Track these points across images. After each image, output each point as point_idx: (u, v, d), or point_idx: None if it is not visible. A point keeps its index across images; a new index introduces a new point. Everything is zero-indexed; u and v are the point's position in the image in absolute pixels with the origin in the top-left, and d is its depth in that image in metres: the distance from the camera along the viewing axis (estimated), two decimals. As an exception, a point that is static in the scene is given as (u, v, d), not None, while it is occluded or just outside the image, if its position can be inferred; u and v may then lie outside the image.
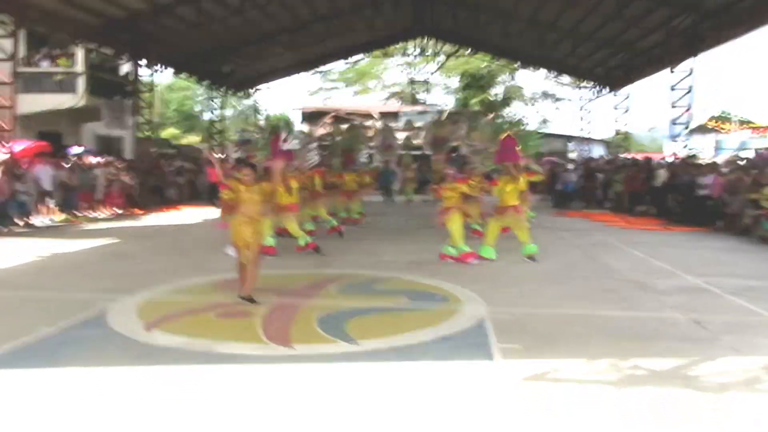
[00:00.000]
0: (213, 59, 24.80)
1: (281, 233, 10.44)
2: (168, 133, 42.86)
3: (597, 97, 29.06)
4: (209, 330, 5.53)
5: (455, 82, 43.48)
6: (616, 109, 26.57)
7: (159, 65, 23.10)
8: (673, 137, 20.33)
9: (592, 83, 28.94)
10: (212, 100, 29.64)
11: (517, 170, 9.40)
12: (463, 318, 5.98)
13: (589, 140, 30.63)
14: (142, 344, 5.13)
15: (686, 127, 19.97)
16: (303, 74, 31.04)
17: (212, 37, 22.16)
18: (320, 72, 33.54)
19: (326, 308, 6.25)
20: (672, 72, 19.74)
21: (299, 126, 30.76)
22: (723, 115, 31.07)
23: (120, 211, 17.32)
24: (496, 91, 42.67)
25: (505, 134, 9.82)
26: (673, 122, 20.06)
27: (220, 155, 26.77)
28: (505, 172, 9.41)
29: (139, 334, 5.38)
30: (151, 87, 23.35)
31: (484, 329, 5.60)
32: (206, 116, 36.09)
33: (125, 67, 23.75)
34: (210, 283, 7.59)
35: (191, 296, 6.88)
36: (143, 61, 22.09)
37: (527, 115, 40.43)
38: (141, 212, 17.59)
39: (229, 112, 43.83)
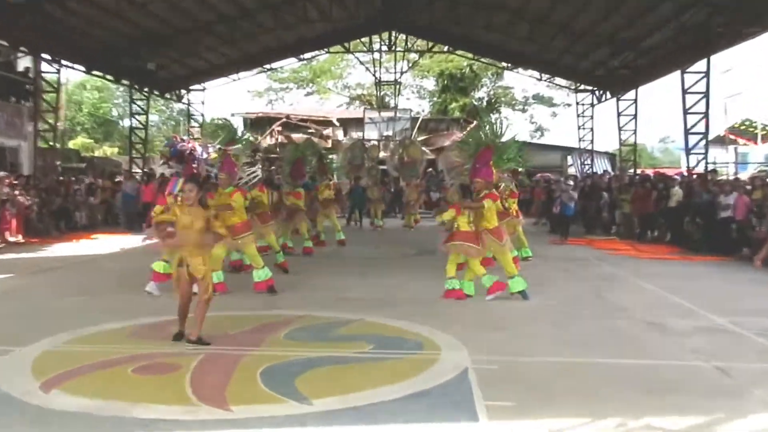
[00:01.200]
0: (135, 54, 24.15)
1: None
2: (78, 142, 42.20)
3: (598, 102, 29.67)
4: (125, 389, 5.36)
5: (431, 83, 44.14)
6: (621, 116, 27.12)
7: (67, 61, 22.73)
8: (689, 149, 20.75)
9: (592, 87, 29.62)
10: (134, 103, 29.15)
11: (483, 187, 9.45)
12: (440, 369, 5.92)
13: (591, 153, 31.13)
14: (38, 408, 4.92)
15: (704, 137, 20.39)
16: (246, 73, 30.80)
17: (134, 26, 21.96)
18: (267, 70, 33.34)
19: (273, 359, 6.17)
20: (684, 74, 20.22)
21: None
22: (746, 124, 31.84)
23: (14, 240, 16.83)
24: (481, 95, 43.50)
25: (485, 146, 9.70)
26: (688, 132, 20.52)
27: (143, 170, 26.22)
28: (479, 190, 9.50)
29: (34, 396, 5.16)
30: (56, 87, 22.94)
31: (467, 382, 5.55)
32: (127, 122, 35.66)
33: (24, 62, 23.31)
34: (126, 330, 7.39)
35: (102, 346, 6.65)
36: (46, 56, 21.71)
37: (517, 123, 41.20)
38: (41, 241, 17.13)
39: (155, 117, 43.51)
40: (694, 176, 19.75)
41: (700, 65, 19.90)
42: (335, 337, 7.23)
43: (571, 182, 19.16)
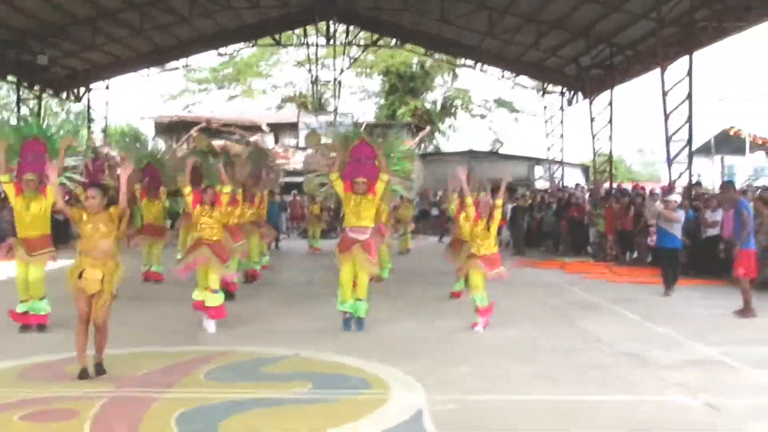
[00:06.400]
0: (22, 45, 23.60)
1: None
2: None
3: (569, 105, 30.30)
4: (9, 440, 5.14)
5: (376, 83, 44.35)
6: (594, 121, 27.53)
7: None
8: (671, 159, 21.05)
9: (562, 87, 30.27)
10: (22, 104, 28.11)
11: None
12: (390, 411, 5.91)
13: (561, 164, 31.96)
14: None
15: (687, 146, 20.69)
16: (158, 69, 30.58)
17: (20, 12, 21.34)
18: (182, 67, 33.07)
19: (191, 402, 6.09)
20: (663, 73, 20.59)
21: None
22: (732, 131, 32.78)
23: None
24: (434, 97, 43.95)
25: (359, 140, 10.43)
26: (669, 140, 20.83)
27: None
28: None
29: None
30: None
31: (421, 426, 5.57)
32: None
33: None
34: (14, 370, 7.20)
35: (-17, 390, 6.45)
36: None
37: (476, 131, 41.71)
38: None
39: (49, 121, 41.78)
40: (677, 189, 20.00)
41: (682, 63, 20.25)
42: (265, 375, 7.14)
43: (677, 196, 14.32)
